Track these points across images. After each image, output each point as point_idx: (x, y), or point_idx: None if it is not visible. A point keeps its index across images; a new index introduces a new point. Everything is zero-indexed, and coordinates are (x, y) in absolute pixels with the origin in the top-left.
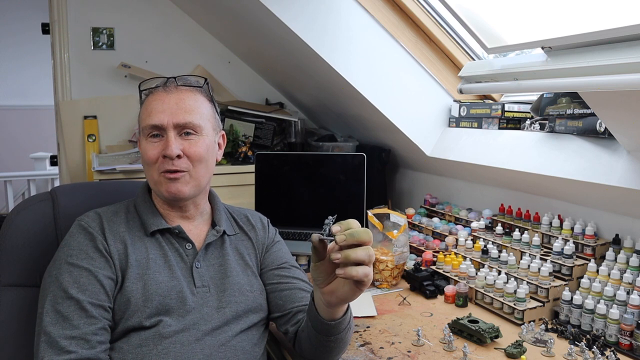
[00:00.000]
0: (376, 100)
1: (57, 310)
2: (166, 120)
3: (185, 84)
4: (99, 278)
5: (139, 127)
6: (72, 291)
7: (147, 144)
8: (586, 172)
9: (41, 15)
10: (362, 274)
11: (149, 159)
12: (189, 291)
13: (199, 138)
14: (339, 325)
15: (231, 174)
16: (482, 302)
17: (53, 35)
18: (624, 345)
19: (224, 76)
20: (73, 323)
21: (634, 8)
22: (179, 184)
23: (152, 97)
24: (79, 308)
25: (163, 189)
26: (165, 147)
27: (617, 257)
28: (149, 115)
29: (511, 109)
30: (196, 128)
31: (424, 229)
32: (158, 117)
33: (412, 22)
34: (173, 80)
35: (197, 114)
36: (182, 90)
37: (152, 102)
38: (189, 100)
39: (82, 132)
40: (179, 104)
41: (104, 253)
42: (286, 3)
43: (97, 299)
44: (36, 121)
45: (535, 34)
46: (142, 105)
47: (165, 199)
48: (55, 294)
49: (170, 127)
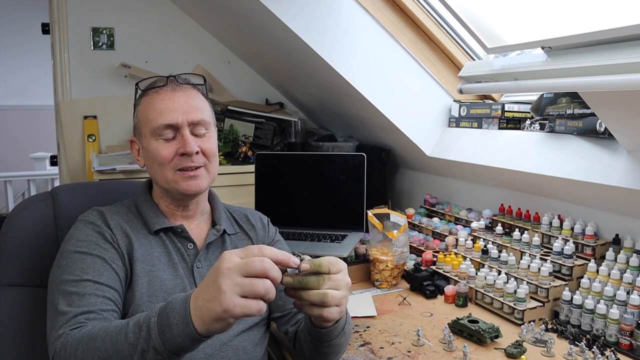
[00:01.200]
0: (376, 100)
1: (72, 292)
2: (180, 118)
3: (187, 82)
4: (112, 267)
5: (139, 127)
6: (88, 275)
7: (159, 145)
8: (586, 172)
9: (41, 15)
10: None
11: (163, 159)
12: (190, 291)
13: (210, 134)
14: (331, 333)
15: (231, 174)
16: (482, 302)
17: (53, 35)
18: (624, 345)
19: (224, 76)
20: (90, 300)
21: (634, 8)
22: (199, 181)
23: (158, 97)
24: (96, 288)
25: (181, 187)
26: (184, 145)
27: (617, 257)
28: (160, 115)
29: (511, 109)
30: (207, 125)
31: (424, 229)
32: (172, 116)
33: (412, 22)
34: (173, 78)
35: (206, 111)
36: (187, 89)
37: (159, 102)
38: (196, 99)
39: (82, 132)
40: (189, 102)
41: (114, 244)
42: (286, 3)
43: (113, 285)
44: (36, 121)
45: (535, 34)
46: (144, 105)
47: (180, 196)
48: (68, 279)
49: (185, 126)
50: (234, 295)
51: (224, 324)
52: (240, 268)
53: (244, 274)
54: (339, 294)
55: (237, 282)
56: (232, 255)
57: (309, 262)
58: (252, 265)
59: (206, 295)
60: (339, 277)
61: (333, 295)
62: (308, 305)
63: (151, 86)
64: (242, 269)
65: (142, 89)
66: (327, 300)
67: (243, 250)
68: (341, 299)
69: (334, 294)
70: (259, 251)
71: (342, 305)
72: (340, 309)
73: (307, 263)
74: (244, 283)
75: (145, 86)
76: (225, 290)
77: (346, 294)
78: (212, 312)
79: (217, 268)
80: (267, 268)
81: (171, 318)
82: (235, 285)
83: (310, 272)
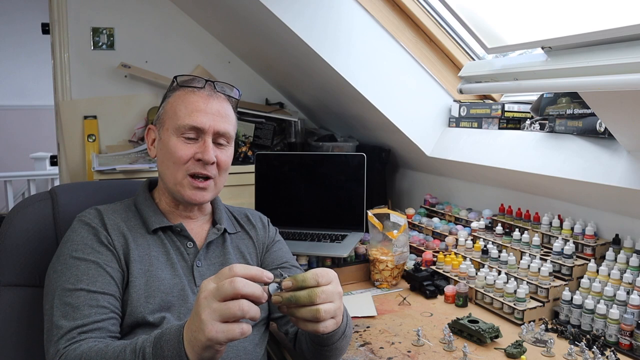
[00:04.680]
0: (376, 100)
1: (66, 302)
2: (208, 124)
3: (224, 92)
4: (107, 270)
5: (163, 119)
6: (82, 284)
7: (179, 143)
8: (586, 172)
9: (41, 15)
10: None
11: (179, 159)
12: (190, 290)
13: (229, 148)
14: (332, 337)
15: (231, 174)
16: (482, 302)
17: (53, 35)
18: (624, 345)
19: (224, 76)
20: (84, 312)
21: (634, 8)
22: (205, 193)
23: (193, 96)
24: (90, 297)
25: (187, 193)
26: (203, 151)
27: (617, 257)
28: (189, 115)
29: (511, 109)
30: (229, 138)
31: (424, 229)
32: (201, 119)
33: (412, 22)
34: (211, 83)
35: (232, 125)
36: (222, 98)
37: (193, 102)
38: (227, 110)
39: (82, 132)
40: (220, 112)
41: (109, 247)
42: (287, 3)
43: (108, 290)
44: (36, 121)
45: (535, 34)
46: (176, 99)
47: (181, 202)
48: (63, 287)
49: (210, 133)
50: (214, 323)
51: (212, 351)
52: (214, 294)
53: (218, 298)
54: (332, 307)
55: (214, 308)
56: (208, 283)
57: (291, 279)
58: (222, 288)
59: (193, 326)
60: (330, 288)
61: (326, 310)
62: (302, 322)
63: (189, 84)
64: (215, 295)
65: (179, 83)
66: (320, 316)
67: (216, 275)
68: (335, 310)
69: (326, 308)
70: (230, 271)
71: (337, 316)
72: (336, 320)
73: (289, 280)
74: (220, 308)
75: (183, 81)
76: (204, 319)
77: (340, 305)
78: (199, 342)
79: (197, 299)
80: (237, 288)
81: (165, 350)
82: (213, 312)
83: (298, 288)
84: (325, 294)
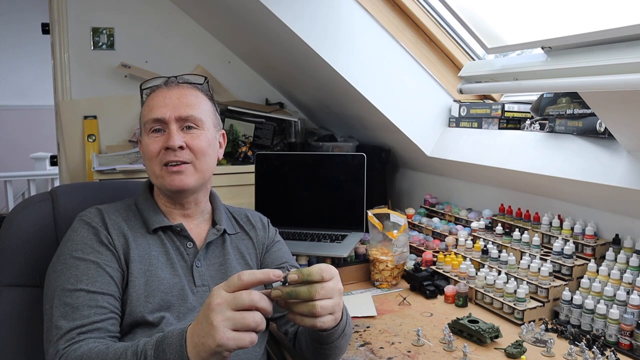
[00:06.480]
0: (376, 100)
1: (66, 303)
2: (168, 113)
3: (186, 82)
4: (107, 270)
5: (140, 126)
6: (81, 284)
7: (149, 139)
8: (586, 172)
9: (41, 15)
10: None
11: (150, 153)
12: (189, 290)
13: (201, 132)
14: (332, 335)
15: (231, 174)
16: (482, 302)
17: (53, 35)
18: (624, 345)
19: (224, 76)
20: (83, 313)
21: (634, 8)
22: (183, 176)
23: (153, 95)
24: (89, 298)
25: (166, 182)
26: (168, 139)
27: (617, 257)
28: (150, 111)
29: (511, 109)
30: (197, 122)
31: (424, 229)
32: (160, 111)
33: (412, 22)
34: (174, 78)
35: (199, 109)
36: (183, 87)
37: (153, 99)
38: (190, 96)
39: (82, 132)
40: (180, 99)
41: (109, 247)
42: (287, 3)
43: (107, 290)
44: (36, 121)
45: (535, 34)
46: (144, 104)
47: (169, 193)
48: (63, 287)
49: (172, 120)
50: (226, 330)
51: (219, 357)
52: (230, 302)
53: (233, 307)
54: (331, 303)
55: (228, 316)
56: (220, 290)
57: (297, 273)
58: (240, 299)
59: (200, 331)
60: (330, 285)
61: (323, 306)
62: (300, 317)
63: (148, 85)
64: (231, 303)
65: (142, 88)
66: (317, 311)
67: (226, 282)
68: (333, 306)
69: (323, 304)
70: (239, 279)
71: (335, 312)
72: (335, 316)
73: (295, 273)
74: (235, 317)
75: (144, 87)
76: (217, 325)
77: (339, 301)
78: (207, 347)
79: (208, 304)
80: (254, 300)
81: (167, 353)
82: (227, 319)
83: (301, 282)
84: (324, 290)
